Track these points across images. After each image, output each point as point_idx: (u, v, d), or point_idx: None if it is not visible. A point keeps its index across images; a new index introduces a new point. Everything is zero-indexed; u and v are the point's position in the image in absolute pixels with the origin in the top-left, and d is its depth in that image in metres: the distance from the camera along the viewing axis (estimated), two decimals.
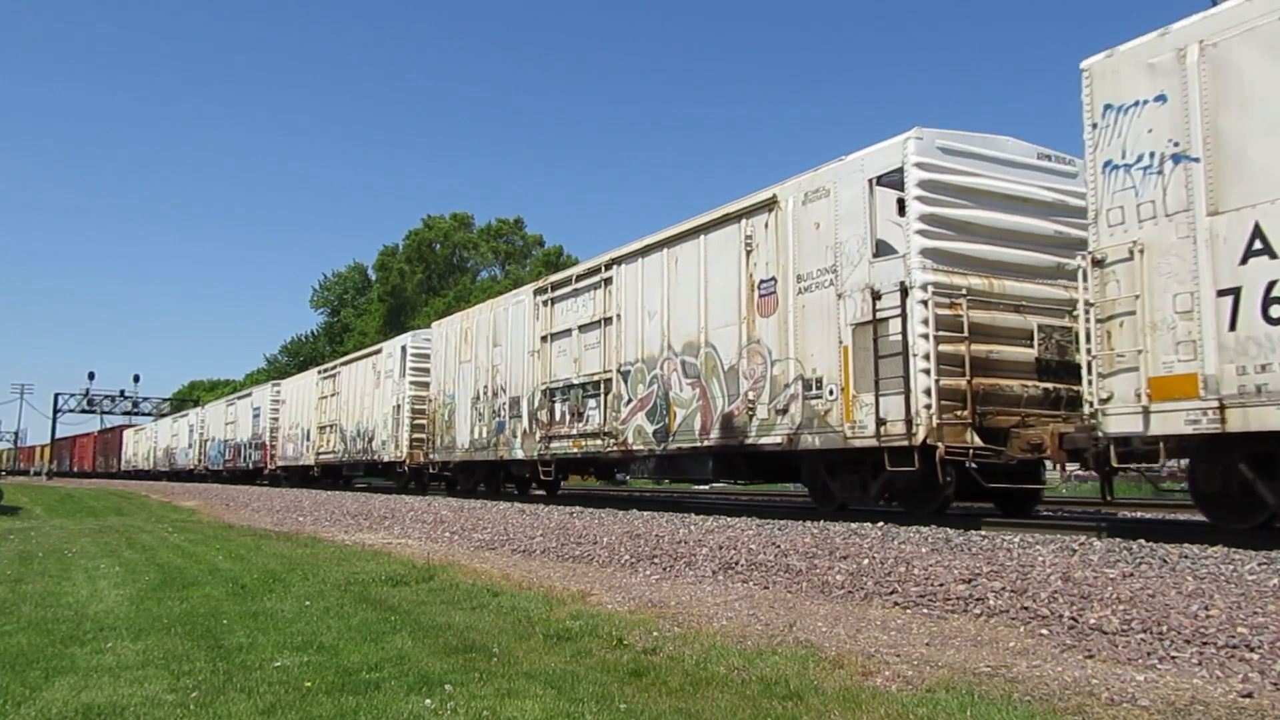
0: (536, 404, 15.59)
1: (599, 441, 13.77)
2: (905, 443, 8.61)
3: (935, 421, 8.40)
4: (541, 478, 16.47)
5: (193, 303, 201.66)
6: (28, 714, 3.90)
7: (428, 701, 3.93)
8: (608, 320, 13.74)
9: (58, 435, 79.56)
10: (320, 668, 4.63)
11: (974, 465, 8.44)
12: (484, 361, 17.75)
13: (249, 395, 37.79)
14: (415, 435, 21.21)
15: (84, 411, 75.21)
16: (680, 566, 7.66)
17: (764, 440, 10.50)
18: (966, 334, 8.64)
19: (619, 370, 13.36)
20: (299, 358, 67.98)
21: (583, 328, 14.45)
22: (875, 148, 9.48)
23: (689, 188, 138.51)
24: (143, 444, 58.67)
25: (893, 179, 9.29)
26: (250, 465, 35.29)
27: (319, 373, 29.61)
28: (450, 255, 64.05)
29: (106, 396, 75.07)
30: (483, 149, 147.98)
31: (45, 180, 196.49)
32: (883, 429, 8.84)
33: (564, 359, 14.97)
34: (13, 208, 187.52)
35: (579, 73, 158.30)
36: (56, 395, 79.13)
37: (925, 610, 5.57)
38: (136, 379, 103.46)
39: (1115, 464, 7.26)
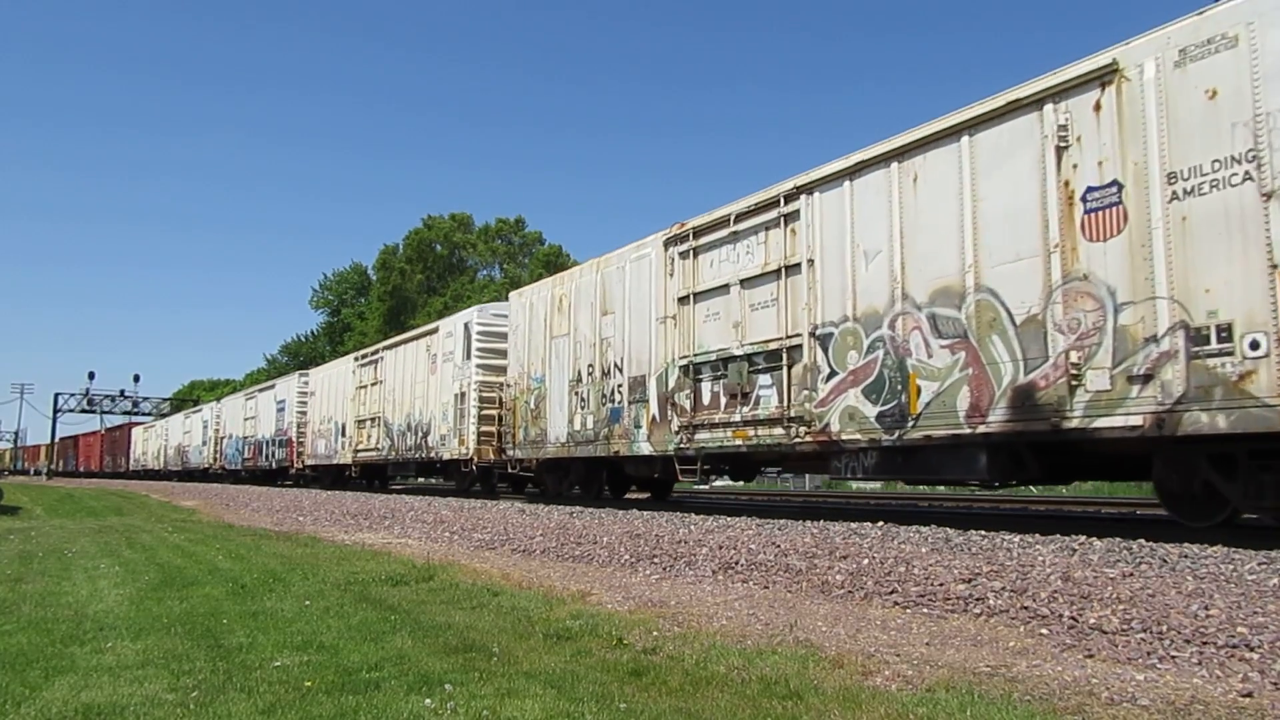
0: (672, 384, 12.31)
1: (779, 431, 10.48)
2: None
3: None
4: (679, 478, 13.00)
5: (193, 303, 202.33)
6: (28, 714, 3.90)
7: (428, 701, 3.93)
8: (791, 268, 10.49)
9: (64, 434, 79.83)
10: (320, 667, 4.63)
11: None
12: (588, 335, 14.41)
13: (271, 387, 34.07)
14: (484, 428, 17.93)
15: (84, 411, 75.32)
16: (680, 566, 7.66)
17: (1103, 422, 7.33)
18: None
19: (813, 334, 10.07)
20: (299, 357, 68.05)
21: (748, 282, 11.13)
22: None
23: (689, 188, 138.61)
24: (153, 442, 55.38)
25: None
26: (273, 464, 32.01)
27: (356, 359, 26.05)
28: (450, 255, 64.09)
29: (106, 396, 75.19)
30: (483, 149, 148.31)
31: (45, 180, 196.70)
32: None
33: (716, 325, 11.65)
34: (13, 208, 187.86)
35: (579, 73, 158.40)
36: (56, 395, 79.31)
37: (925, 610, 5.57)
38: (136, 379, 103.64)
39: None
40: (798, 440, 10.28)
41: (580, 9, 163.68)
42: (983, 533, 7.68)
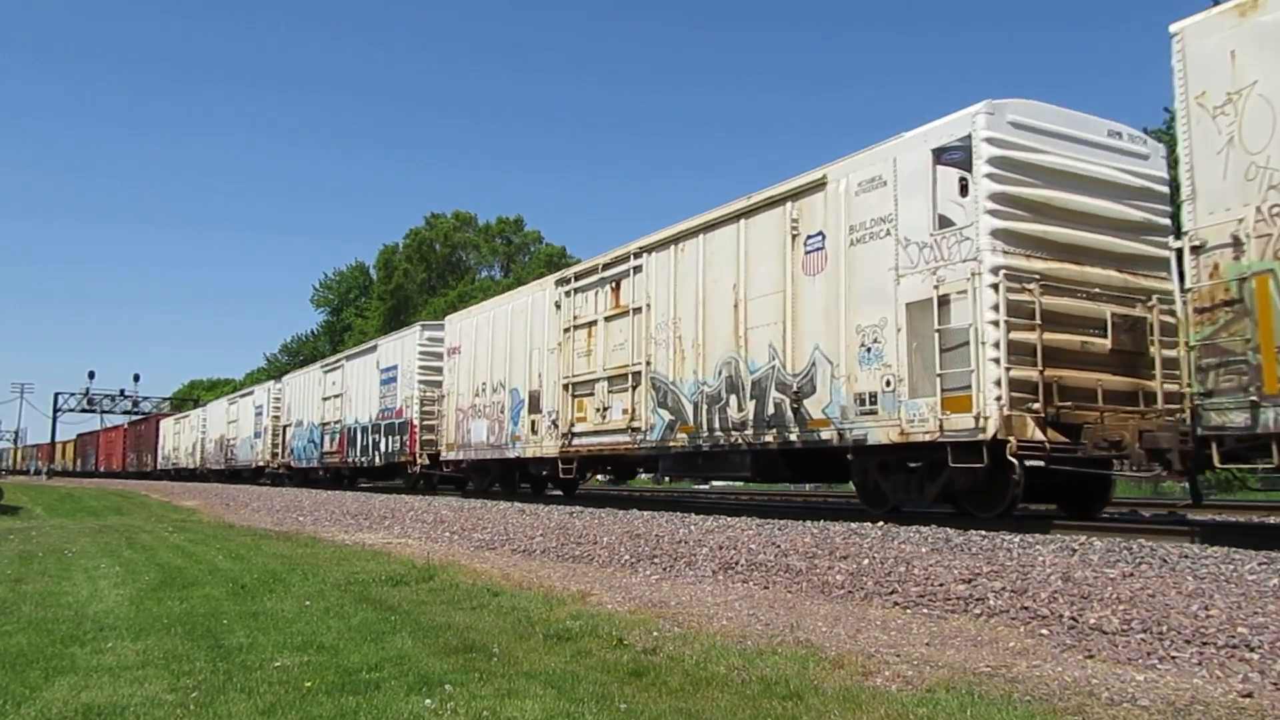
0: None
1: None
2: None
3: None
4: None
5: (193, 303, 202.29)
6: (28, 714, 3.90)
7: (428, 701, 3.93)
8: None
9: (64, 435, 79.42)
10: (320, 668, 4.63)
11: None
12: None
13: (371, 350, 23.89)
14: (1017, 372, 8.06)
15: (84, 411, 75.47)
16: (680, 566, 7.66)
17: None
18: None
19: None
20: (299, 357, 68.06)
21: None
22: None
23: (689, 188, 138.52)
24: (185, 435, 45.56)
25: None
26: (378, 460, 22.17)
27: (561, 282, 15.21)
28: (450, 254, 64.14)
29: (106, 396, 75.25)
30: (483, 149, 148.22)
31: (45, 180, 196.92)
32: None
33: None
34: (13, 208, 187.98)
35: (579, 73, 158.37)
36: (56, 395, 79.36)
37: (925, 610, 5.57)
38: (136, 378, 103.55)
39: None
40: None
41: (580, 9, 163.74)
42: (983, 533, 7.68)
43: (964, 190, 8.54)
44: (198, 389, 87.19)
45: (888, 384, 9.08)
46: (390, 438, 21.56)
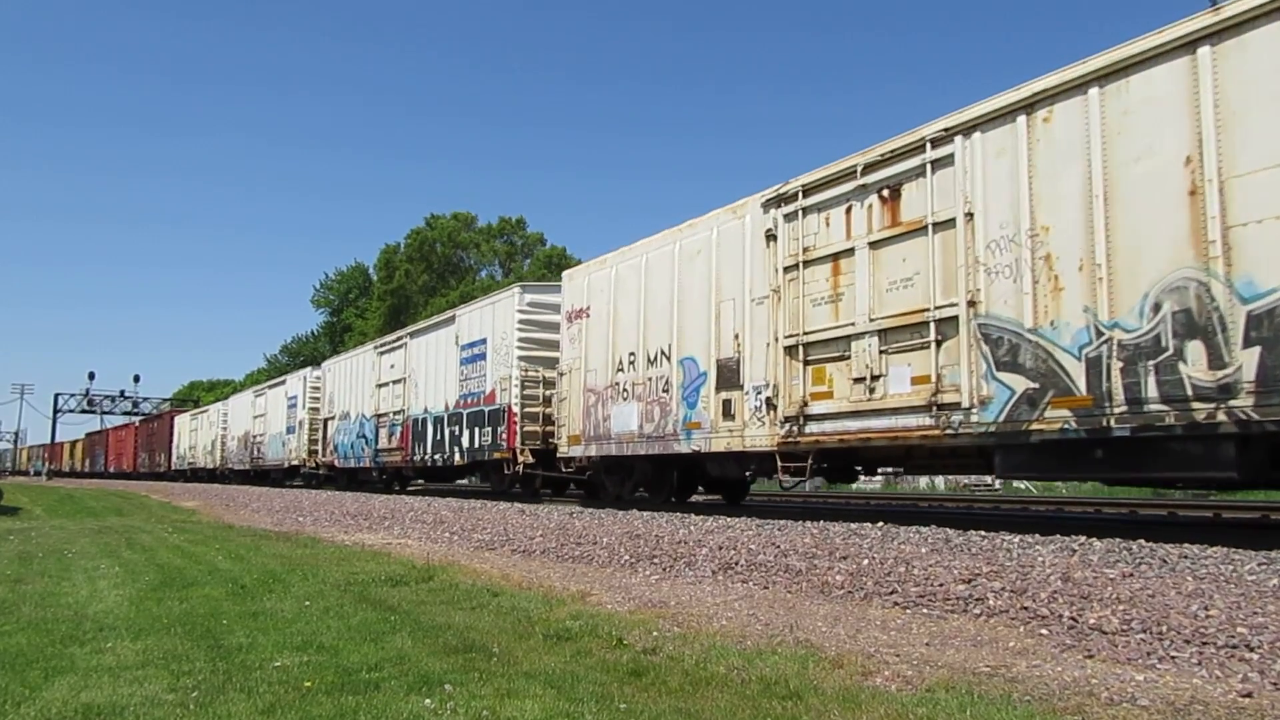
0: None
1: None
2: None
3: None
4: None
5: (193, 303, 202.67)
6: (28, 714, 3.89)
7: (427, 701, 3.93)
8: None
9: (64, 435, 79.22)
10: (320, 668, 4.63)
11: None
12: None
13: (448, 324, 19.44)
14: None
15: (84, 411, 75.44)
16: (680, 567, 7.66)
17: None
18: None
19: None
20: (299, 358, 68.06)
21: None
22: None
23: (689, 188, 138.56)
24: (203, 433, 41.22)
25: None
26: (460, 457, 18.15)
27: (782, 203, 10.63)
28: (451, 255, 64.14)
29: (106, 396, 75.24)
30: (483, 149, 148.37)
31: (45, 180, 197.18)
32: None
33: None
34: (13, 208, 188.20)
35: (579, 73, 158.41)
36: (56, 395, 79.31)
37: (925, 610, 5.58)
38: (136, 379, 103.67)
39: None
40: None
41: (580, 9, 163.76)
42: (983, 533, 7.68)
43: None
44: (198, 389, 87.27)
45: None
46: (477, 430, 17.37)
